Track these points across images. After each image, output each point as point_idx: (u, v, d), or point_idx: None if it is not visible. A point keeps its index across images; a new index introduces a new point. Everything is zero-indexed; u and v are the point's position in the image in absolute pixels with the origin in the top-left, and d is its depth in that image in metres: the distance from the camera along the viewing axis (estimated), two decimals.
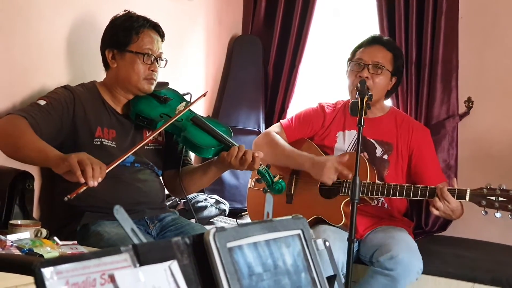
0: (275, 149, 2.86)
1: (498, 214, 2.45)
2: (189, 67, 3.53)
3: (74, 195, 2.01)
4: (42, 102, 2.31)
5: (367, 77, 2.78)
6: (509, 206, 2.43)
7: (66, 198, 2.01)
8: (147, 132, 2.53)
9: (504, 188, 2.46)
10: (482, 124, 3.37)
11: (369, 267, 2.65)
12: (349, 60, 2.92)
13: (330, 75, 3.87)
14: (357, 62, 2.85)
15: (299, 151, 2.85)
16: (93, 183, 2.02)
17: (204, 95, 2.59)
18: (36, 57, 2.53)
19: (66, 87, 2.44)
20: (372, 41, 2.92)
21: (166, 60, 2.53)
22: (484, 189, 2.48)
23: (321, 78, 3.94)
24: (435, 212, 2.55)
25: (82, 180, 2.01)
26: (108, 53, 2.48)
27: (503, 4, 3.35)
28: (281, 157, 2.84)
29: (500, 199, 2.44)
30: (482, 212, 2.46)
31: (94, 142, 2.39)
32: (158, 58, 2.50)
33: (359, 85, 2.42)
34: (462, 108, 3.39)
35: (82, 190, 2.02)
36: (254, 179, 2.96)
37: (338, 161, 2.71)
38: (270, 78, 3.83)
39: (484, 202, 2.46)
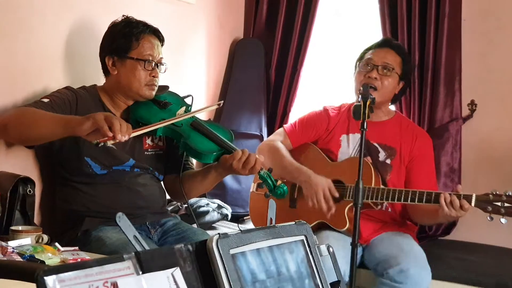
0: (275, 157, 2.84)
1: (503, 220, 2.43)
2: (190, 71, 3.52)
3: (102, 143, 2.01)
4: (45, 100, 2.31)
5: (375, 78, 2.78)
6: None
7: (95, 142, 2.01)
8: (147, 138, 2.52)
9: (510, 194, 2.44)
10: (486, 127, 3.35)
11: (377, 278, 2.62)
12: (358, 61, 2.91)
13: (332, 78, 3.86)
14: (366, 63, 2.83)
15: (296, 164, 2.82)
16: (122, 137, 2.03)
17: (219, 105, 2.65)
18: (37, 61, 2.52)
19: (67, 88, 2.44)
20: (382, 44, 2.91)
21: (166, 65, 2.52)
22: (490, 195, 2.46)
23: (324, 81, 3.93)
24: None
25: (110, 134, 2.01)
26: (108, 60, 2.46)
27: (506, 7, 3.34)
28: (279, 167, 2.80)
29: (506, 204, 2.43)
30: (488, 218, 2.44)
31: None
32: (159, 63, 2.48)
33: (361, 88, 2.41)
34: (465, 111, 3.38)
35: (110, 143, 2.03)
36: (256, 183, 2.94)
37: (327, 196, 2.70)
38: (272, 81, 3.82)
39: (490, 208, 2.45)
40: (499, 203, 2.44)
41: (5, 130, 2.21)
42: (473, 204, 2.47)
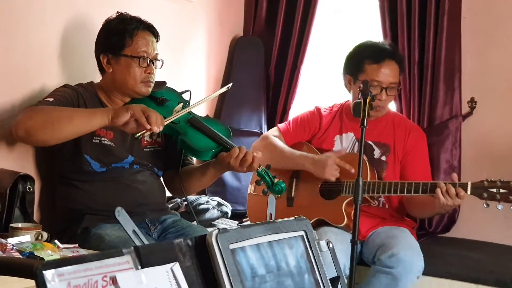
0: (273, 151, 2.85)
1: (500, 206, 2.45)
2: (190, 69, 3.52)
3: (141, 136, 2.19)
4: (50, 99, 2.29)
5: (385, 100, 2.80)
6: (510, 197, 2.44)
7: (137, 135, 2.16)
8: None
9: (504, 180, 2.46)
10: (485, 124, 3.35)
11: (371, 266, 2.64)
12: (354, 73, 2.85)
13: (332, 76, 3.85)
14: (373, 84, 2.75)
15: (298, 151, 2.85)
16: (157, 128, 2.14)
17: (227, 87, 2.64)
18: (36, 59, 2.52)
19: (66, 86, 2.44)
20: (382, 57, 2.81)
21: (162, 61, 2.50)
22: (485, 182, 2.48)
23: (323, 79, 3.93)
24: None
25: (148, 126, 2.12)
26: (103, 58, 2.45)
27: (506, 4, 3.33)
28: (280, 159, 2.82)
29: (501, 190, 2.45)
30: (484, 204, 2.46)
31: (94, 140, 2.38)
32: (154, 59, 2.47)
33: (361, 85, 2.41)
34: (465, 109, 3.37)
35: (146, 134, 2.20)
36: (254, 184, 2.95)
37: (337, 156, 2.71)
38: (271, 79, 3.82)
39: (485, 195, 2.46)
40: (494, 190, 2.46)
41: (29, 134, 2.15)
42: (468, 191, 2.49)
